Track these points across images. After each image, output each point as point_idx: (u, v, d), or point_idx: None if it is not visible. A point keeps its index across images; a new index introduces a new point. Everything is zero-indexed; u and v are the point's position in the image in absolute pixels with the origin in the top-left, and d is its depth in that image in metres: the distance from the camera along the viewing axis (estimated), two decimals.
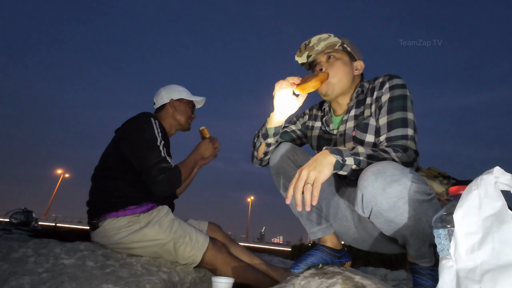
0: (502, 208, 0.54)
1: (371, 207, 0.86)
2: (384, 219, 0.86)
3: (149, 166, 1.36)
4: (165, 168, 1.38)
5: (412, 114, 1.02)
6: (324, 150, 0.90)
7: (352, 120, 1.19)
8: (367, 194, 0.84)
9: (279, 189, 1.28)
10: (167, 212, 1.44)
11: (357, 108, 1.18)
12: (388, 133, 1.02)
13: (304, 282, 0.98)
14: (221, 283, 1.09)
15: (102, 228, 1.36)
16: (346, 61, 1.18)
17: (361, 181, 0.86)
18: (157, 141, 1.44)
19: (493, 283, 0.49)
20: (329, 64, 1.17)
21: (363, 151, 0.90)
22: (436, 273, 0.92)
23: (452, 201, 0.63)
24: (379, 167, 0.83)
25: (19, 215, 2.20)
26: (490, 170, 0.59)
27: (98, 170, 1.49)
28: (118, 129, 1.56)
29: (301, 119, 1.41)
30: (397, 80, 1.08)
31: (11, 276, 1.05)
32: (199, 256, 1.37)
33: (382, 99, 1.08)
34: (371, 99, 1.13)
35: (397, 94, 1.05)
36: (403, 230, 0.86)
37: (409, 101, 1.04)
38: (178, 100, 1.71)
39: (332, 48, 1.18)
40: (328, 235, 1.21)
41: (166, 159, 1.41)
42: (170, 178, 1.38)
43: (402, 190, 0.81)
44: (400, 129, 1.00)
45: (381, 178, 0.81)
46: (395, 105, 1.04)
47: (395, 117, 1.02)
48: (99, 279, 1.11)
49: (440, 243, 0.62)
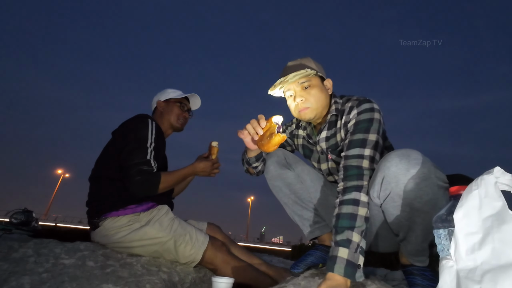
0: (502, 208, 0.54)
1: (391, 189, 0.89)
2: (402, 202, 0.89)
3: (130, 165, 1.36)
4: (145, 171, 1.37)
5: (374, 135, 1.02)
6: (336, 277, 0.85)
7: (323, 142, 1.22)
8: (389, 174, 0.88)
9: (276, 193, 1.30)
10: (167, 211, 1.45)
11: (329, 129, 1.21)
12: (346, 151, 1.04)
13: (304, 282, 0.98)
14: (221, 283, 1.09)
15: (103, 227, 1.36)
16: (321, 86, 1.19)
17: (384, 163, 0.90)
18: (147, 142, 1.43)
19: (493, 283, 0.49)
20: (306, 93, 1.17)
21: (357, 239, 0.88)
22: (429, 273, 0.93)
23: (453, 201, 0.63)
24: (403, 151, 0.89)
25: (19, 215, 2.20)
26: (491, 170, 0.59)
27: (95, 171, 1.49)
28: (115, 131, 1.56)
29: (289, 127, 1.44)
30: (366, 105, 1.08)
31: (12, 276, 1.05)
32: (199, 255, 1.37)
33: (349, 123, 1.10)
34: (341, 122, 1.15)
35: (362, 119, 1.06)
36: (415, 217, 0.89)
37: (375, 123, 1.04)
38: (165, 101, 1.73)
39: (306, 78, 1.17)
40: (326, 234, 1.23)
41: (149, 162, 1.40)
42: (145, 182, 1.36)
43: (426, 172, 0.85)
44: (357, 149, 1.02)
45: (405, 160, 0.86)
46: (359, 127, 1.06)
47: (355, 138, 1.04)
48: (99, 279, 1.11)
49: (440, 243, 0.62)
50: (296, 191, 1.27)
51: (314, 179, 1.27)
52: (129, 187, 1.36)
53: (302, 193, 1.27)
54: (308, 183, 1.26)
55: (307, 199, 1.27)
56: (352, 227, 0.89)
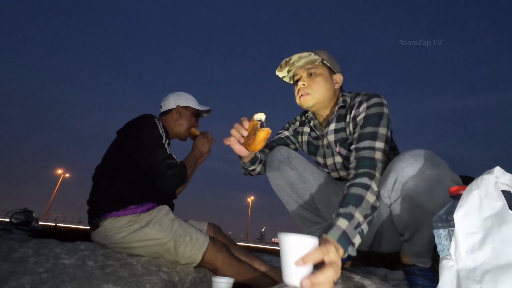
0: (503, 208, 0.54)
1: (403, 190, 0.87)
2: (413, 204, 0.87)
3: (156, 163, 1.40)
4: (172, 164, 1.42)
5: (384, 129, 1.02)
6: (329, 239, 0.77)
7: (332, 134, 1.21)
8: (403, 175, 0.86)
9: (278, 192, 1.29)
10: (167, 212, 1.44)
11: (338, 122, 1.20)
12: (357, 144, 1.03)
13: None
14: (221, 283, 1.09)
15: (103, 228, 1.36)
16: (327, 76, 1.20)
17: (397, 163, 0.88)
18: (162, 139, 1.48)
19: (494, 283, 0.49)
20: (310, 79, 1.19)
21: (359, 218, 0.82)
22: (430, 274, 0.93)
23: (453, 201, 0.63)
24: (417, 152, 0.87)
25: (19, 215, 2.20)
26: (491, 170, 0.59)
27: (99, 170, 1.50)
28: (121, 130, 1.57)
29: (293, 125, 1.44)
30: (375, 99, 1.09)
31: (12, 276, 1.05)
32: (199, 256, 1.37)
33: (358, 118, 1.10)
34: (349, 117, 1.15)
35: (372, 113, 1.06)
36: (425, 219, 0.86)
37: (384, 118, 1.05)
38: (184, 107, 1.74)
39: (313, 64, 1.20)
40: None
41: (172, 156, 1.46)
42: (177, 174, 1.42)
43: (442, 174, 0.83)
44: (368, 141, 1.01)
45: (420, 161, 0.84)
46: (369, 121, 1.05)
47: (365, 131, 1.03)
48: (99, 279, 1.11)
49: (440, 243, 0.62)
50: (298, 191, 1.26)
51: (317, 179, 1.26)
52: (163, 184, 1.39)
53: (304, 192, 1.26)
54: (311, 183, 1.25)
55: (309, 199, 1.26)
56: (357, 206, 0.84)
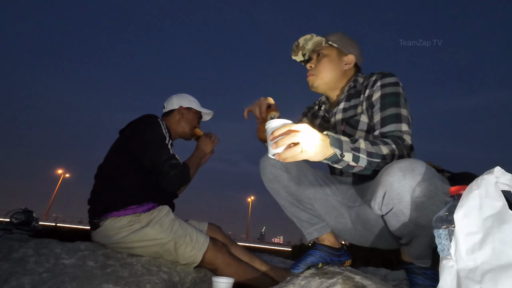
0: (503, 208, 0.54)
1: (393, 205, 0.82)
2: (405, 218, 0.82)
3: (160, 163, 1.41)
4: (176, 164, 1.43)
5: (406, 110, 1.01)
6: (325, 136, 0.81)
7: (340, 113, 1.21)
8: (392, 191, 0.79)
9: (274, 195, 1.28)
10: (167, 212, 1.44)
11: (347, 101, 1.20)
12: (382, 128, 1.01)
13: (304, 282, 0.98)
14: (221, 283, 1.09)
15: (103, 228, 1.36)
16: (333, 57, 1.22)
17: (385, 177, 0.81)
18: (166, 139, 1.49)
19: (494, 283, 0.49)
20: (317, 61, 1.23)
21: (363, 147, 0.86)
22: (431, 272, 0.93)
23: (453, 201, 0.63)
24: (406, 164, 0.79)
25: (19, 215, 2.20)
26: (491, 170, 0.59)
27: (101, 169, 1.50)
28: (123, 130, 1.56)
29: (312, 109, 1.45)
30: (390, 78, 1.07)
31: (12, 276, 1.05)
32: (199, 256, 1.37)
33: (373, 97, 1.08)
34: (363, 96, 1.14)
35: (388, 92, 1.04)
36: (420, 231, 0.83)
37: (402, 98, 1.03)
38: (186, 108, 1.76)
39: (320, 46, 1.24)
40: (325, 234, 1.21)
41: (175, 156, 1.47)
42: (180, 174, 1.43)
43: (433, 189, 0.77)
44: (393, 124, 0.99)
45: (410, 176, 0.77)
46: (387, 102, 1.03)
47: (388, 113, 1.01)
48: (100, 279, 1.11)
49: (440, 243, 0.62)
50: (293, 193, 1.23)
51: (312, 180, 1.25)
52: (166, 184, 1.40)
53: (299, 194, 1.24)
54: (306, 184, 1.24)
55: (305, 201, 1.24)
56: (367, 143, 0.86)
